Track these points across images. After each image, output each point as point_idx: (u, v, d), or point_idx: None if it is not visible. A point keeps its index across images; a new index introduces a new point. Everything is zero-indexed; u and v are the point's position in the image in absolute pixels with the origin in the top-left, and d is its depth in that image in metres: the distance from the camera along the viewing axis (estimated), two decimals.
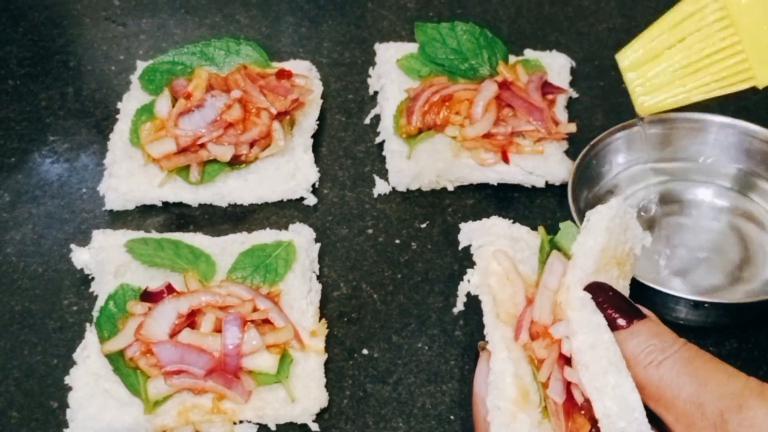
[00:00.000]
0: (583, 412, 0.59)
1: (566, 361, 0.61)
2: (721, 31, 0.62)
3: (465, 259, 0.85)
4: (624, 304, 0.60)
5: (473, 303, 0.81)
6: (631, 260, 0.66)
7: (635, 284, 0.68)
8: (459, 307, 0.71)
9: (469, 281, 0.68)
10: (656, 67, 0.63)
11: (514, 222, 0.71)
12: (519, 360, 0.62)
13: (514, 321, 0.64)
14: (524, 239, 0.69)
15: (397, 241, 0.87)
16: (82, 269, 0.83)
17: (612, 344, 0.57)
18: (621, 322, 0.59)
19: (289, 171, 0.90)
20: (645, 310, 0.60)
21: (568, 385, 0.60)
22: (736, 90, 0.62)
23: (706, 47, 0.62)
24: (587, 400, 0.58)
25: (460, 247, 0.70)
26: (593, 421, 0.58)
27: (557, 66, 1.00)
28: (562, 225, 0.67)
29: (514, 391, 0.60)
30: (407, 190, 0.91)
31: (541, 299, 0.63)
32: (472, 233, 0.70)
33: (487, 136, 0.90)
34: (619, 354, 0.57)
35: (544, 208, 0.89)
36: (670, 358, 0.56)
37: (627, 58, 0.64)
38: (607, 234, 0.63)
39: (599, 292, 0.61)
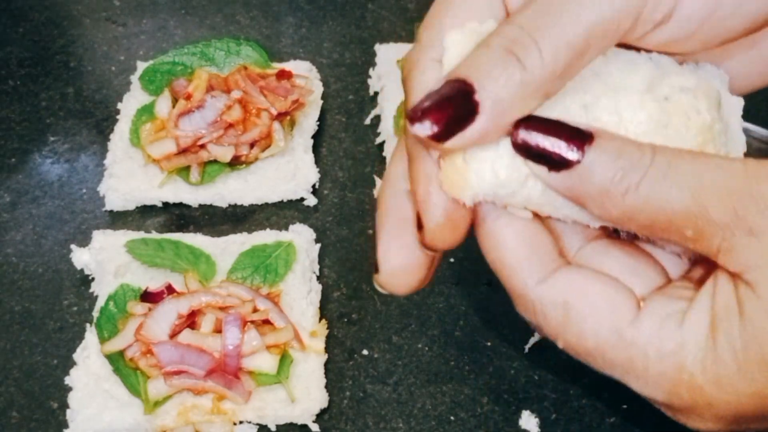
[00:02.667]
0: None
1: None
2: None
3: (465, 260, 0.85)
4: (565, 131, 0.43)
5: (474, 303, 0.81)
6: None
7: None
8: None
9: None
10: None
11: None
12: None
13: None
14: None
15: None
16: (82, 269, 0.83)
17: None
18: (572, 156, 0.42)
19: (289, 171, 0.90)
20: (586, 126, 0.43)
21: None
22: None
23: None
24: None
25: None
26: None
27: None
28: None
29: None
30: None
31: None
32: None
33: None
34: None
35: None
36: (647, 176, 0.43)
37: None
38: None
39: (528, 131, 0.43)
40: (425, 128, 0.41)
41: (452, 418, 0.74)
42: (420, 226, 0.45)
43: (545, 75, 0.41)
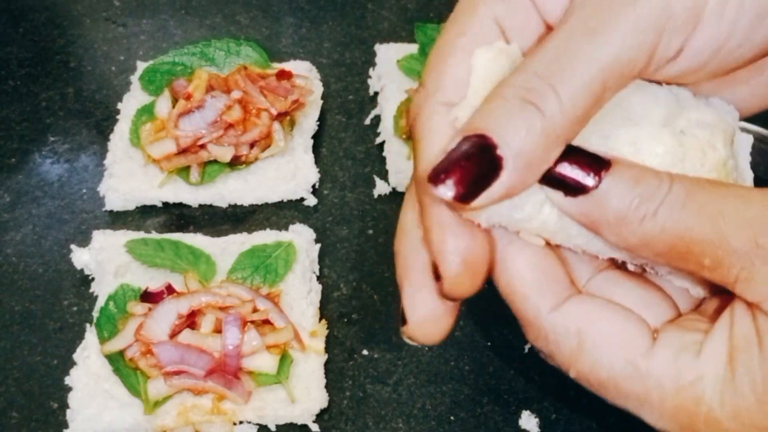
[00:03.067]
0: None
1: None
2: None
3: None
4: (582, 157, 0.43)
5: (474, 303, 0.81)
6: None
7: None
8: None
9: None
10: None
11: None
12: None
13: None
14: None
15: None
16: (82, 270, 0.83)
17: None
18: (589, 181, 0.42)
19: (289, 171, 0.90)
20: (603, 153, 0.43)
21: None
22: None
23: None
24: None
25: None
26: None
27: None
28: None
29: None
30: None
31: None
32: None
33: None
34: None
35: None
36: (664, 203, 0.42)
37: None
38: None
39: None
40: (448, 190, 0.40)
41: (452, 418, 0.74)
42: (438, 276, 0.44)
43: (566, 121, 0.40)
